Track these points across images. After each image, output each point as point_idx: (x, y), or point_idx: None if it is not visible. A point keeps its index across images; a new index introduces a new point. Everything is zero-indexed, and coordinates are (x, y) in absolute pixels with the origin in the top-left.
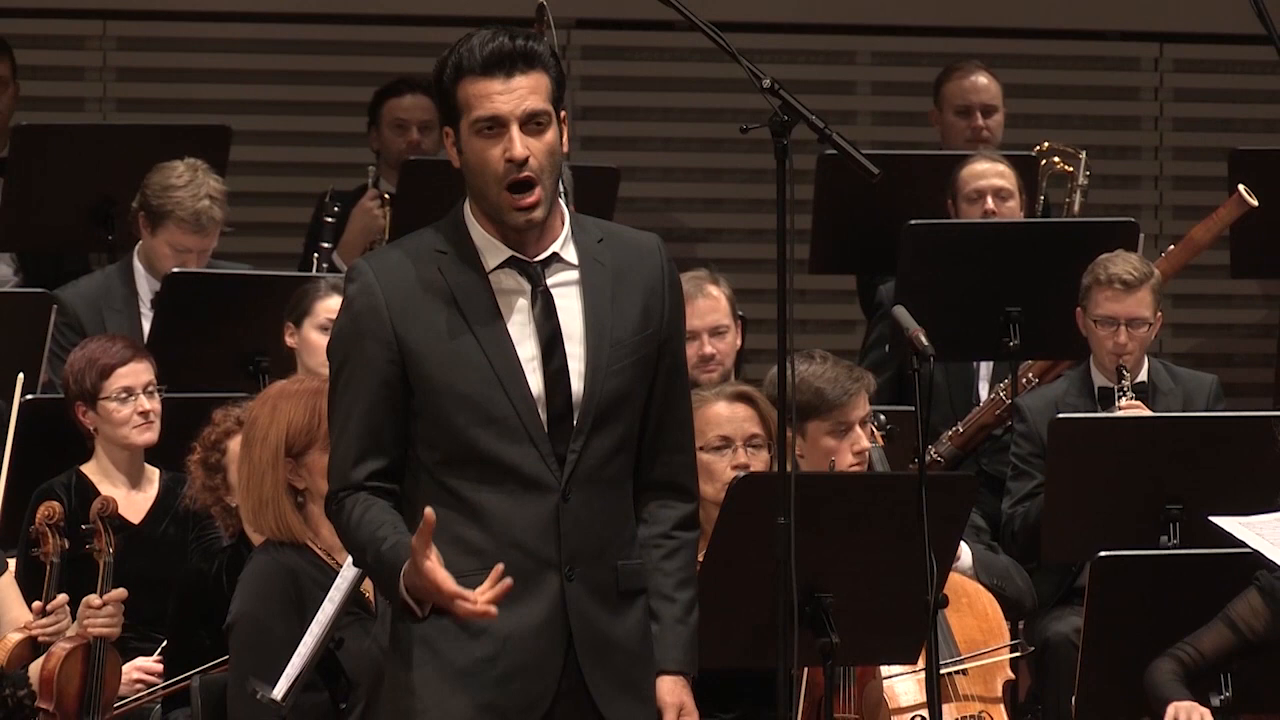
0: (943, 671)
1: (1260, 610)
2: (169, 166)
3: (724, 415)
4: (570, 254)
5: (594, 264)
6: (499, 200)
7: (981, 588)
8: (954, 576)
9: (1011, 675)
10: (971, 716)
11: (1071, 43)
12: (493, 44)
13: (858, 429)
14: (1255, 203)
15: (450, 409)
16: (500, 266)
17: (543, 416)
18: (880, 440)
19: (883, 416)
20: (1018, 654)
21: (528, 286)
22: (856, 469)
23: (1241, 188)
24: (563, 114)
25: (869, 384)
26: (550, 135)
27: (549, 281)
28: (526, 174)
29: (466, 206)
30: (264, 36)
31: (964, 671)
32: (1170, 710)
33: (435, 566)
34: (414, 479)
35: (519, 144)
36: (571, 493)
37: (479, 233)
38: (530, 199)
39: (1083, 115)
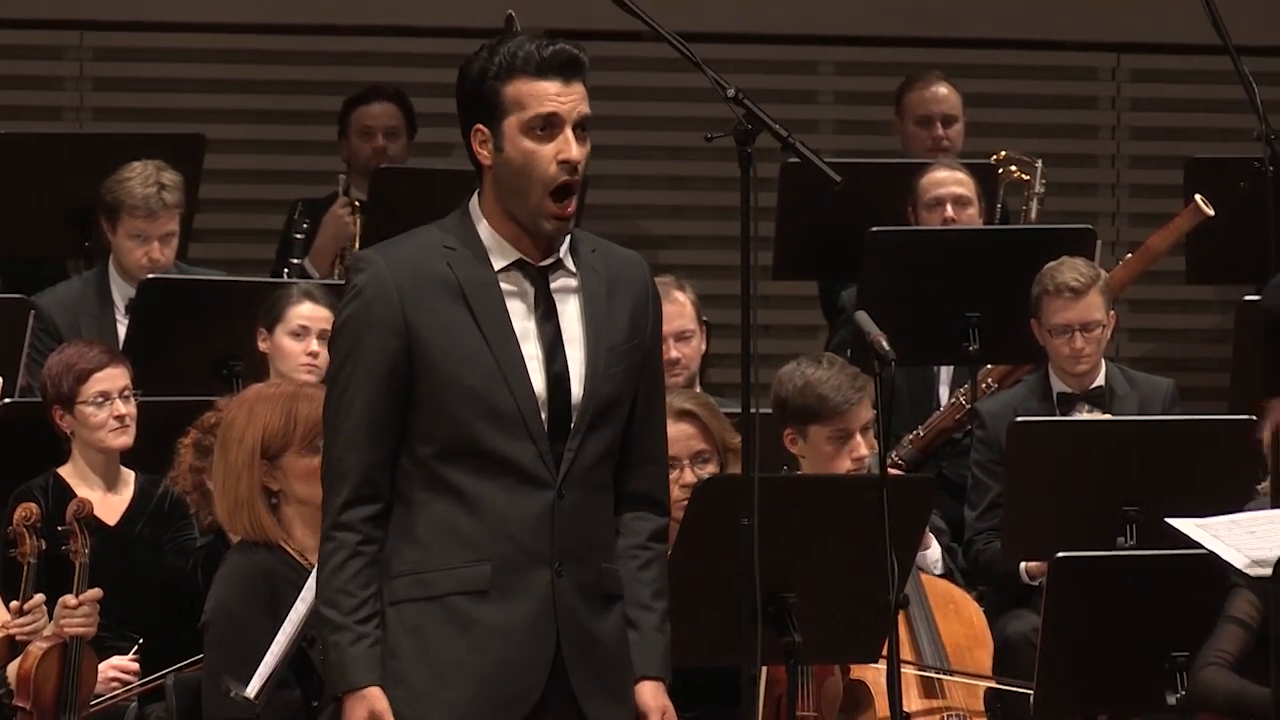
0: (929, 675)
1: (1255, 601)
2: (125, 166)
3: (670, 435)
4: (570, 262)
5: (591, 272)
6: (539, 204)
7: (968, 596)
8: (942, 584)
9: (994, 683)
10: (954, 712)
11: (1030, 53)
12: (554, 47)
13: (858, 436)
14: (1211, 212)
15: (454, 401)
16: (506, 268)
17: (543, 415)
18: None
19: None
20: (988, 684)
21: (532, 289)
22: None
23: (1198, 197)
24: None
25: (870, 391)
26: (588, 145)
27: (552, 286)
28: (576, 178)
29: (475, 205)
30: (237, 47)
31: (949, 670)
32: None
33: None
34: (407, 471)
35: (575, 146)
36: (566, 490)
37: (488, 232)
38: (570, 207)
39: (1042, 124)
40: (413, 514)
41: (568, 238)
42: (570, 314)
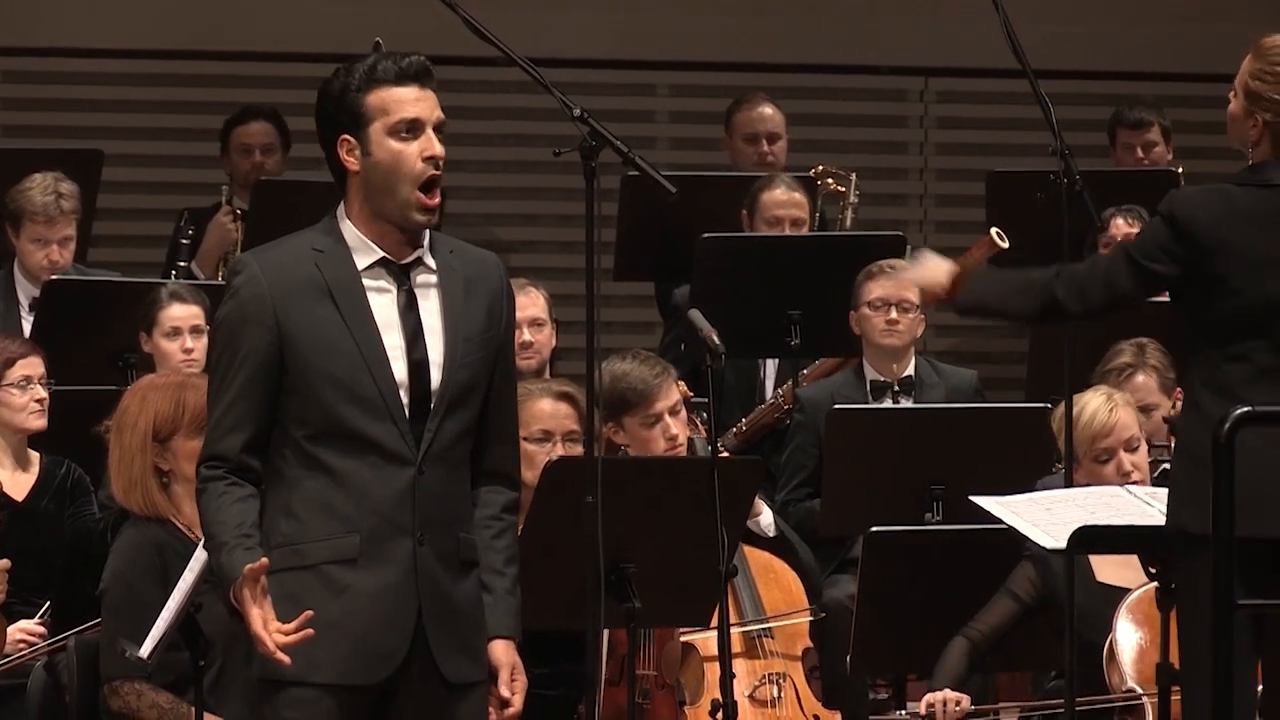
0: (751, 631)
1: (1034, 578)
2: (26, 177)
3: (547, 411)
4: (430, 260)
5: (449, 270)
6: (409, 198)
7: (787, 565)
8: (764, 555)
9: (810, 644)
10: (775, 673)
11: (847, 76)
12: (406, 59)
13: (667, 418)
14: (1006, 245)
15: (322, 388)
16: (371, 266)
17: (404, 399)
18: (704, 432)
19: (705, 414)
20: (814, 619)
21: (394, 284)
22: (677, 454)
23: (994, 231)
24: None
25: (671, 376)
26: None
27: (414, 281)
28: (440, 173)
29: (341, 212)
30: (132, 71)
31: (770, 634)
32: (925, 699)
33: (249, 606)
34: (283, 453)
35: (437, 143)
36: (426, 467)
37: (354, 234)
38: (437, 198)
39: (857, 141)
40: (288, 491)
41: (428, 239)
42: (431, 307)
